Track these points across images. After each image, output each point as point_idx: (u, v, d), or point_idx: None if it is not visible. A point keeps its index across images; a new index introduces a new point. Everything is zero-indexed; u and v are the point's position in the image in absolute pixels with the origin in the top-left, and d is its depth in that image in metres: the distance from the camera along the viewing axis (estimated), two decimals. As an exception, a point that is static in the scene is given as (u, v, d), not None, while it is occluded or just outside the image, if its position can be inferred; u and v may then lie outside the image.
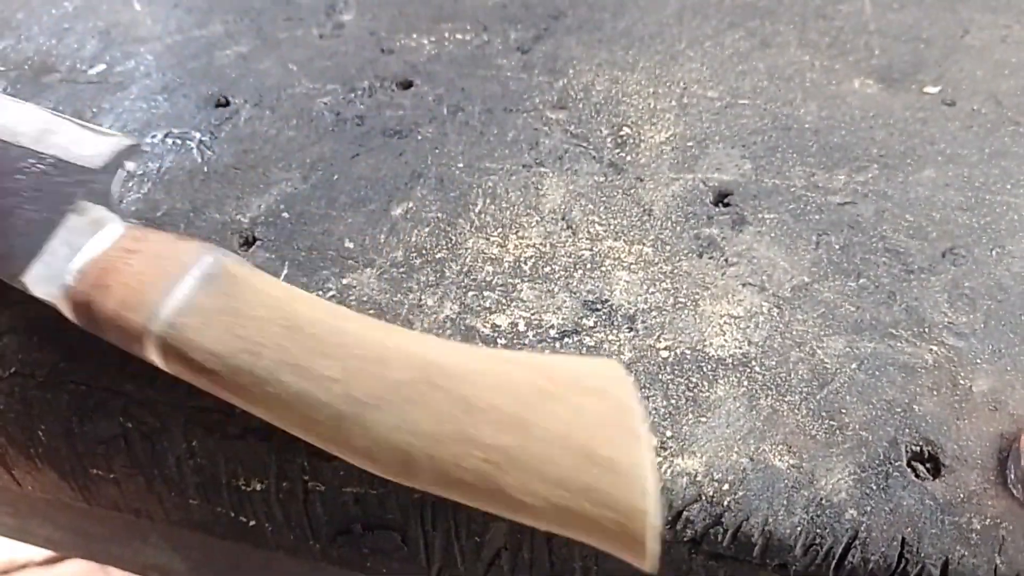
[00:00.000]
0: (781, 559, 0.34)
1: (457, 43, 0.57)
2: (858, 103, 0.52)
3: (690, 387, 0.37)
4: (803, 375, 0.38)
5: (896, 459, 0.35)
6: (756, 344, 0.39)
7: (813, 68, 0.55)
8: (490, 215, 0.45)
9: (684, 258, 0.43)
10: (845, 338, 0.39)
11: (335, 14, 0.59)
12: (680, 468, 0.35)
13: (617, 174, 0.47)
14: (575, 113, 0.51)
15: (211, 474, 0.38)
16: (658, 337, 0.39)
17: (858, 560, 0.33)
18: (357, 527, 0.38)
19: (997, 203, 0.46)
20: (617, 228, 0.44)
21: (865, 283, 0.42)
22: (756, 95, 0.53)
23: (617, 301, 0.41)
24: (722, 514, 0.34)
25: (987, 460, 0.35)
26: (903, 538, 0.33)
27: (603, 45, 0.57)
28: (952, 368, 0.38)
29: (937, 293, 0.41)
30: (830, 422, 0.36)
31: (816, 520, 0.33)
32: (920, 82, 0.54)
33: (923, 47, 0.57)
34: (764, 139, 0.50)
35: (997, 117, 0.51)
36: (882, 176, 0.47)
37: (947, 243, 0.44)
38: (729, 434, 0.36)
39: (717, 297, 0.41)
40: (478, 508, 0.29)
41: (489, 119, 0.51)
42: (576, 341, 0.39)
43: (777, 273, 0.42)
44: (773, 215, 0.45)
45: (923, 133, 0.50)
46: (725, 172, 0.47)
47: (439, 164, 0.48)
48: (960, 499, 0.34)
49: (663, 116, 0.51)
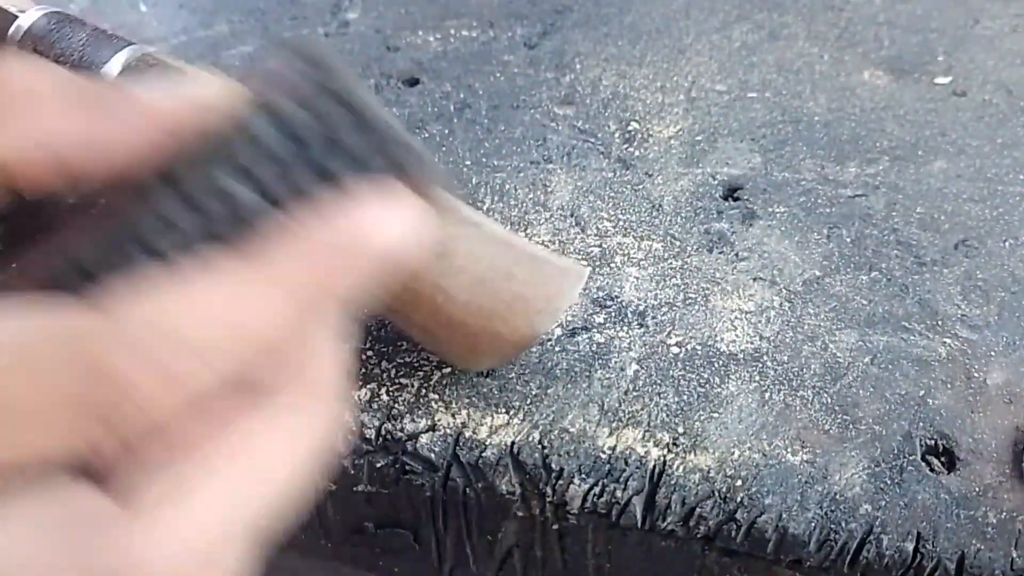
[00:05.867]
0: (795, 554, 0.34)
1: (463, 40, 0.57)
2: (868, 95, 0.52)
3: (701, 383, 0.37)
4: (815, 369, 0.38)
5: (911, 453, 0.35)
6: (768, 339, 0.39)
7: (822, 60, 0.54)
8: (498, 212, 0.45)
9: (694, 253, 0.43)
10: (857, 332, 0.39)
11: (340, 12, 0.59)
12: (692, 464, 0.35)
13: (625, 169, 0.47)
14: (583, 109, 0.51)
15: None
16: (669, 333, 0.39)
17: (873, 555, 0.33)
18: (369, 526, 0.38)
19: (1010, 194, 0.45)
20: (626, 224, 0.44)
21: (877, 276, 0.41)
22: (765, 88, 0.52)
23: (627, 297, 0.40)
24: (735, 510, 0.34)
25: (1002, 453, 0.35)
26: (918, 532, 0.33)
27: (610, 40, 0.56)
28: (966, 361, 0.38)
29: (950, 285, 0.41)
30: (843, 416, 0.36)
31: (830, 515, 0.33)
32: (930, 73, 0.53)
33: (933, 38, 0.56)
34: (773, 132, 0.49)
35: (1008, 107, 0.51)
36: (893, 168, 0.47)
37: (959, 235, 0.43)
38: (741, 430, 0.36)
39: (728, 292, 0.41)
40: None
41: (496, 116, 0.51)
42: (587, 338, 0.39)
43: (788, 267, 0.42)
44: (783, 209, 0.45)
45: (934, 124, 0.50)
46: (734, 166, 0.47)
47: (446, 161, 0.48)
48: (975, 493, 0.34)
49: (671, 110, 0.51)
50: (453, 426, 0.36)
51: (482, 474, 0.35)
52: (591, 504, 0.34)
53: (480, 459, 0.35)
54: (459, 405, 0.36)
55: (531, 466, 0.35)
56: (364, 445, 0.36)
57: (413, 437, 0.35)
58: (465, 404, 0.36)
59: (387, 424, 0.36)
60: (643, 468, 0.34)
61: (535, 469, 0.35)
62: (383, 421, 0.36)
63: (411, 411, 0.36)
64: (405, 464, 0.36)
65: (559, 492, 0.35)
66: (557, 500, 0.35)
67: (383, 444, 0.36)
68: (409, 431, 0.36)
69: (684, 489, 0.34)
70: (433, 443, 0.35)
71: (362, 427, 0.36)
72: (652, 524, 0.34)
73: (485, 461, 0.35)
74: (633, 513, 0.34)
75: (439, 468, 0.35)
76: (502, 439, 0.35)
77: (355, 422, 0.36)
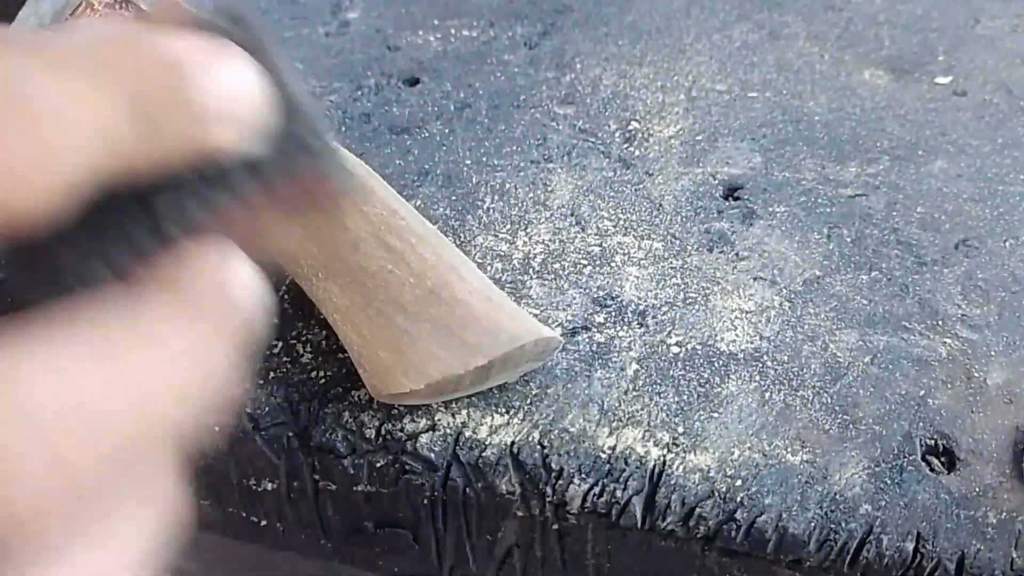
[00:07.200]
0: (795, 554, 0.34)
1: (463, 39, 0.57)
2: (868, 94, 0.52)
3: (701, 382, 0.37)
4: (816, 369, 0.38)
5: (911, 453, 0.35)
6: (768, 339, 0.39)
7: (822, 60, 0.54)
8: (498, 212, 0.45)
9: (694, 253, 0.43)
10: (858, 332, 0.39)
11: (341, 12, 0.59)
12: (692, 464, 0.35)
13: (626, 169, 0.47)
14: (583, 108, 0.51)
15: (222, 474, 0.38)
16: (669, 332, 0.39)
17: (873, 555, 0.33)
18: (369, 526, 0.38)
19: (1010, 193, 0.45)
20: (626, 223, 0.44)
21: (877, 276, 0.41)
22: (765, 88, 0.52)
23: (627, 297, 0.40)
24: (735, 510, 0.34)
25: (1002, 453, 0.35)
26: (918, 532, 0.33)
27: (610, 39, 0.56)
28: (966, 361, 0.38)
29: (950, 285, 0.41)
30: (843, 416, 0.36)
31: (830, 515, 0.33)
32: (931, 73, 0.53)
33: (933, 37, 0.56)
34: (774, 132, 0.49)
35: (1009, 107, 0.51)
36: (893, 168, 0.47)
37: (960, 235, 0.43)
38: (741, 429, 0.36)
39: (728, 292, 0.41)
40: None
41: (496, 115, 0.51)
42: (587, 337, 0.39)
43: (788, 267, 0.42)
44: (784, 208, 0.45)
45: (934, 124, 0.50)
46: (735, 166, 0.47)
47: (446, 161, 0.48)
48: (975, 493, 0.34)
49: (672, 110, 0.51)
50: (453, 426, 0.36)
51: (482, 474, 0.35)
52: (591, 504, 0.34)
53: (480, 459, 0.35)
54: (459, 405, 0.36)
55: (531, 466, 0.35)
56: (364, 445, 0.36)
57: (413, 437, 0.35)
58: (465, 404, 0.36)
59: (387, 424, 0.36)
60: (643, 468, 0.34)
61: (535, 469, 0.35)
62: (383, 421, 0.36)
63: (411, 411, 0.36)
64: (405, 464, 0.36)
65: (559, 492, 0.35)
66: (557, 500, 0.35)
67: (383, 444, 0.36)
68: (409, 431, 0.36)
69: (684, 489, 0.34)
70: (433, 443, 0.35)
71: (362, 427, 0.36)
72: (652, 524, 0.34)
73: (485, 461, 0.35)
74: (633, 513, 0.34)
75: (439, 468, 0.35)
76: (502, 439, 0.35)
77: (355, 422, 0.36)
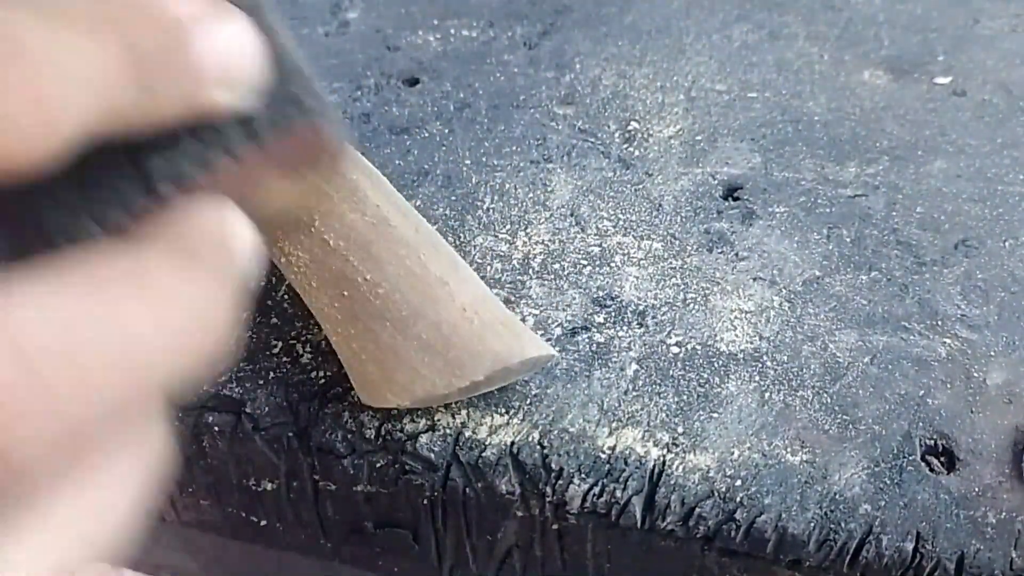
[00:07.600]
0: (795, 555, 0.34)
1: (463, 39, 0.57)
2: (868, 95, 0.52)
3: (701, 383, 0.37)
4: (815, 369, 0.38)
5: (910, 453, 0.35)
6: (767, 339, 0.39)
7: (822, 60, 0.54)
8: (498, 212, 0.45)
9: (694, 253, 0.43)
10: (857, 332, 0.39)
11: (340, 12, 0.59)
12: (692, 464, 0.35)
13: (626, 169, 0.47)
14: (582, 108, 0.51)
15: (222, 474, 0.38)
16: (668, 333, 0.39)
17: (872, 555, 0.33)
18: (368, 526, 0.38)
19: (1010, 193, 0.45)
20: (626, 224, 0.44)
21: (877, 276, 0.41)
22: (765, 88, 0.52)
23: (627, 297, 0.40)
24: (735, 510, 0.34)
25: (1002, 453, 0.35)
26: (918, 532, 0.33)
27: (610, 39, 0.56)
28: (966, 361, 0.38)
29: (950, 285, 0.41)
30: (843, 416, 0.36)
31: (830, 515, 0.33)
32: (930, 73, 0.53)
33: (933, 37, 0.56)
34: (773, 132, 0.49)
35: (1008, 107, 0.51)
36: (893, 168, 0.47)
37: (959, 235, 0.43)
38: (741, 429, 0.36)
39: (727, 292, 0.41)
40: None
41: (496, 115, 0.51)
42: (586, 337, 0.39)
43: (788, 267, 0.42)
44: (783, 208, 0.45)
45: (934, 124, 0.50)
46: (734, 166, 0.47)
47: (446, 161, 0.48)
48: (975, 493, 0.34)
49: (671, 110, 0.51)
50: (453, 426, 0.36)
51: (482, 474, 0.35)
52: (591, 504, 0.34)
53: (480, 459, 0.35)
54: (459, 405, 0.36)
55: (531, 466, 0.35)
56: (364, 445, 0.36)
57: (413, 437, 0.35)
58: (465, 404, 0.36)
59: (387, 424, 0.36)
60: (643, 468, 0.34)
61: (535, 469, 0.35)
62: (383, 421, 0.36)
63: (411, 411, 0.36)
64: (405, 464, 0.36)
65: (559, 492, 0.35)
66: (557, 500, 0.35)
67: (383, 444, 0.36)
68: (409, 431, 0.36)
69: (684, 489, 0.34)
70: (433, 443, 0.35)
71: (362, 427, 0.36)
72: (652, 524, 0.34)
73: (485, 461, 0.35)
74: (633, 513, 0.34)
75: (439, 468, 0.35)
76: (502, 439, 0.35)
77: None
